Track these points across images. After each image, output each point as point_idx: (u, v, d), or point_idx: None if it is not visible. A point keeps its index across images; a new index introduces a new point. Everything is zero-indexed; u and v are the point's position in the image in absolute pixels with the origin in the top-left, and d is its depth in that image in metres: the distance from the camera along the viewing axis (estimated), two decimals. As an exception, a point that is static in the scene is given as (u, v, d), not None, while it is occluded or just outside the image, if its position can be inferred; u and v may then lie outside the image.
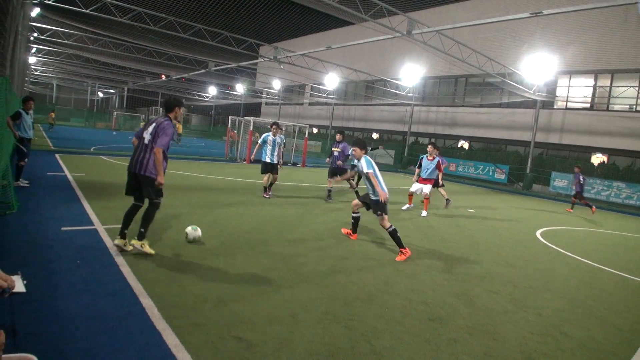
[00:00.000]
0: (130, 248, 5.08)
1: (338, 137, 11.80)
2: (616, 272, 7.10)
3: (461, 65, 21.37)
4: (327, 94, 38.23)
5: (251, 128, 21.94)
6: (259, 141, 10.70)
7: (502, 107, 27.84)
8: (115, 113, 49.28)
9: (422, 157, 11.22)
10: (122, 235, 5.11)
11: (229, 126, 22.91)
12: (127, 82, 49.14)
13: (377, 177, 6.30)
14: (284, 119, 42.98)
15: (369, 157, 6.47)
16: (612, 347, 4.04)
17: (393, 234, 6.32)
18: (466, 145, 30.49)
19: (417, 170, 11.38)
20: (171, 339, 3.20)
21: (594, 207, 14.81)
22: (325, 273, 5.16)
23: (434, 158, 11.02)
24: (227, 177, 13.84)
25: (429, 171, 11.00)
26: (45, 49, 29.68)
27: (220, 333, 3.38)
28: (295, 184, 14.58)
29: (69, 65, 37.46)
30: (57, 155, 14.72)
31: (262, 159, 10.56)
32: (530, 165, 24.73)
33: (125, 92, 62.50)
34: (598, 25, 22.87)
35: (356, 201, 6.95)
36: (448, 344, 3.65)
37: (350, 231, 7.26)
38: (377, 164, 6.66)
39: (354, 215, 7.08)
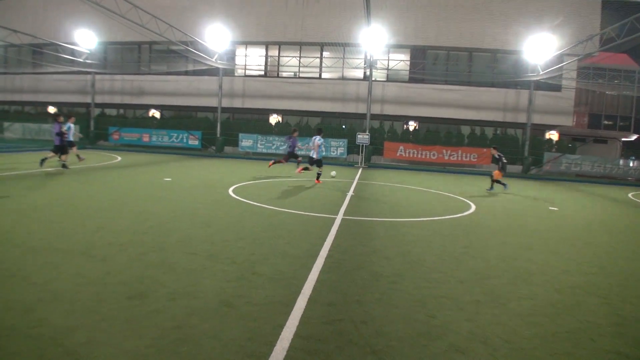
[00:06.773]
0: None
1: None
2: (291, 211, 8.49)
3: (142, 31, 20.41)
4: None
5: None
6: None
7: (189, 75, 28.42)
8: None
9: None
10: None
11: None
12: None
13: None
14: None
15: None
16: (293, 273, 4.83)
17: None
18: (157, 115, 29.96)
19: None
20: None
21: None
22: (-9, 279, 4.20)
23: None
24: None
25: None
26: None
27: None
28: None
29: None
30: None
31: None
32: (219, 129, 26.45)
33: None
34: (266, 2, 25.95)
35: None
36: (149, 317, 3.58)
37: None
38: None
39: None
